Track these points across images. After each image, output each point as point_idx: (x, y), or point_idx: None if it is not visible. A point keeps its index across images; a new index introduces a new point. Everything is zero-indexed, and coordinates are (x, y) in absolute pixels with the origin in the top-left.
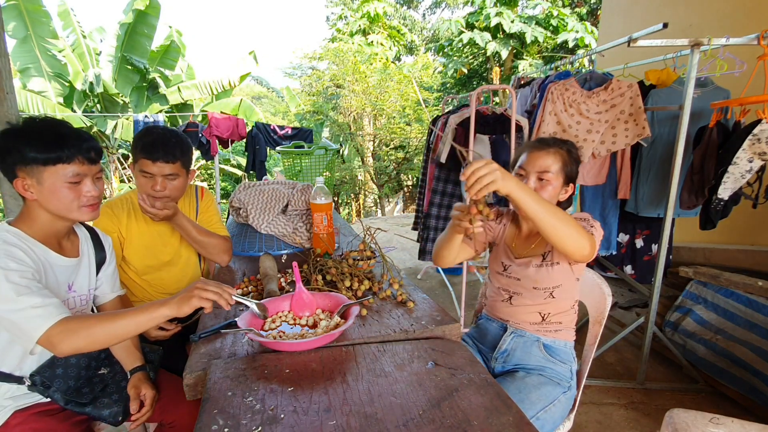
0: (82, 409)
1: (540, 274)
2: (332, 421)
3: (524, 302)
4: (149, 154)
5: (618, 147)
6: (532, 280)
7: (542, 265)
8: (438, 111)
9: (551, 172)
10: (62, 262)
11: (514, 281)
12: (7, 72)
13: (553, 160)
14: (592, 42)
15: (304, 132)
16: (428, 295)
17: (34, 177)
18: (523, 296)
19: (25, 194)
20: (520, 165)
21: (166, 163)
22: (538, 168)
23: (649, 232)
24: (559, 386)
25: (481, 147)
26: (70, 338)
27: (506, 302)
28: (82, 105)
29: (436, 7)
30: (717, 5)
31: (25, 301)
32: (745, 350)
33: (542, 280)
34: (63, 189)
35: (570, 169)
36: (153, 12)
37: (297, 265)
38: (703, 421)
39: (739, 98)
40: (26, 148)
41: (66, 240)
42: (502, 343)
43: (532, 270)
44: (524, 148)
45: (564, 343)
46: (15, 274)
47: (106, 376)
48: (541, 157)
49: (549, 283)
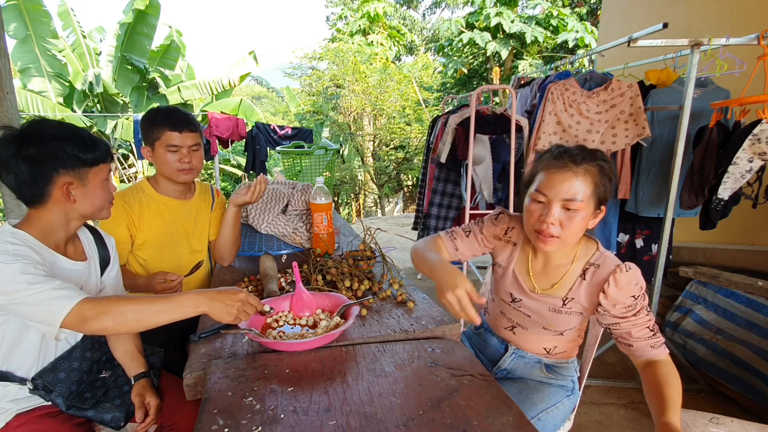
0: (84, 413)
1: (555, 318)
2: (332, 421)
3: (529, 336)
4: (175, 126)
5: (618, 147)
6: (545, 320)
7: (560, 312)
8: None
9: (580, 200)
10: (71, 265)
11: (523, 316)
12: (7, 72)
13: (582, 183)
14: (592, 42)
15: (304, 132)
16: (428, 295)
17: (80, 179)
18: (529, 331)
19: (66, 198)
20: (538, 188)
21: (191, 132)
22: (563, 195)
23: (649, 232)
24: (562, 389)
25: (481, 147)
26: (101, 317)
27: (509, 330)
28: (82, 105)
29: (436, 7)
30: (717, 5)
31: (42, 286)
32: (745, 350)
33: (556, 324)
34: (101, 188)
35: (603, 189)
36: (153, 12)
37: (297, 265)
38: (703, 421)
39: (739, 98)
40: (76, 149)
41: (70, 244)
42: (503, 362)
43: (547, 313)
44: (544, 163)
45: (566, 360)
46: (29, 266)
47: (108, 380)
48: (567, 180)
49: (562, 326)
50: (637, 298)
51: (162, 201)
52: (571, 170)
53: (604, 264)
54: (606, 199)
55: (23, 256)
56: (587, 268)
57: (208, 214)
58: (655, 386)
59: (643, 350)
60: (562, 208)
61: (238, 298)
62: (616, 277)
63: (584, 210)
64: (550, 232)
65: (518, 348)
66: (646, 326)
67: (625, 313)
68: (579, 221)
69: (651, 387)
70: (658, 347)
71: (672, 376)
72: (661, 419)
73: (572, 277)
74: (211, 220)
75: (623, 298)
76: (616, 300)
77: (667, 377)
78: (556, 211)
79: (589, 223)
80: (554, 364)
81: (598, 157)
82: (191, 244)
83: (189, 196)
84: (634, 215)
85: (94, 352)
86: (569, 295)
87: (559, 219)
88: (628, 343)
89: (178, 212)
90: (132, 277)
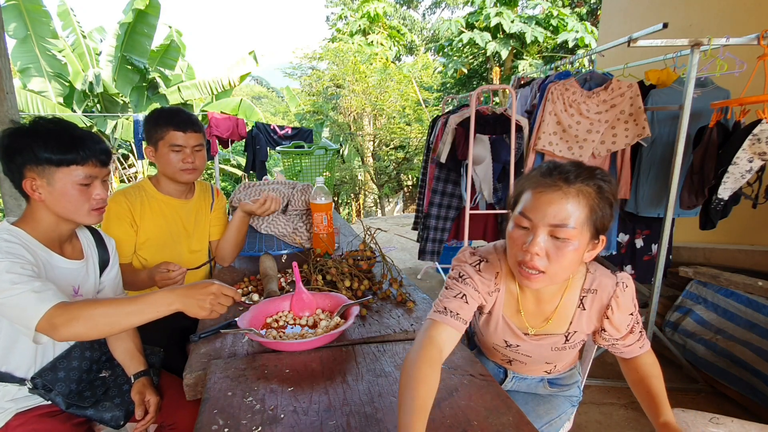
0: (84, 412)
1: (559, 355)
2: (332, 421)
3: (528, 367)
4: (179, 126)
5: (618, 147)
6: (547, 358)
7: (564, 348)
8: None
9: (572, 227)
10: (65, 264)
11: (522, 356)
12: (7, 72)
13: (575, 206)
14: (592, 42)
15: (304, 132)
16: (428, 295)
17: (44, 177)
18: (527, 365)
19: (32, 195)
20: (523, 211)
21: (195, 132)
22: (550, 219)
23: (649, 232)
24: (568, 400)
25: (481, 147)
26: (71, 323)
27: (506, 363)
28: (82, 105)
29: (436, 7)
30: (717, 5)
31: (22, 287)
32: (745, 350)
33: (559, 358)
34: (73, 191)
35: (601, 215)
36: (153, 12)
37: (297, 265)
38: (703, 421)
39: (739, 98)
40: (40, 148)
41: (68, 243)
42: (504, 386)
43: (550, 353)
44: (531, 181)
45: (569, 370)
46: (16, 265)
47: (108, 379)
48: (555, 202)
49: (565, 359)
50: (633, 314)
51: (164, 200)
52: (561, 190)
53: (601, 287)
54: (605, 228)
55: (13, 254)
56: (584, 296)
57: (208, 214)
58: (642, 380)
59: (632, 353)
60: (549, 236)
61: (209, 291)
62: (618, 301)
63: (576, 239)
64: (534, 264)
65: (518, 373)
66: (638, 331)
67: (625, 332)
68: (570, 253)
69: (637, 380)
70: (644, 345)
71: (655, 366)
72: (659, 420)
73: (570, 309)
74: (212, 220)
75: (624, 318)
76: (620, 323)
77: (652, 368)
78: (541, 240)
79: (584, 257)
80: (557, 378)
81: (596, 175)
82: (191, 243)
83: (190, 196)
84: (634, 215)
85: (93, 352)
86: (571, 329)
87: (545, 249)
88: (620, 351)
89: (179, 212)
90: (133, 272)
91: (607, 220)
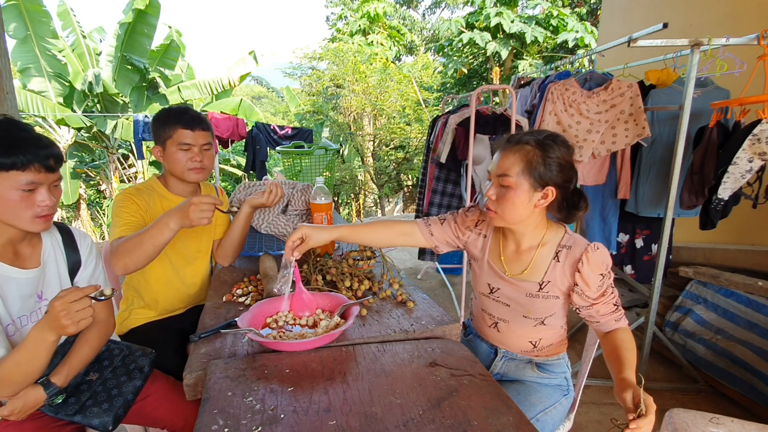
0: (72, 417)
1: (533, 304)
2: (332, 421)
3: (513, 330)
4: (188, 124)
5: (618, 147)
6: (523, 308)
7: (537, 296)
8: (438, 111)
9: (511, 176)
10: (18, 275)
11: (502, 306)
12: (7, 72)
13: (514, 160)
14: (592, 42)
15: (304, 132)
16: (428, 295)
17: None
18: (511, 324)
19: None
20: (489, 169)
21: (203, 131)
22: (496, 171)
23: (649, 232)
24: (558, 389)
25: (481, 147)
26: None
27: (493, 328)
28: (82, 105)
29: (436, 7)
30: (717, 5)
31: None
32: (745, 350)
33: (535, 310)
34: (14, 197)
35: (540, 170)
36: (153, 12)
37: (297, 265)
38: (702, 420)
39: (739, 98)
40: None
41: (26, 246)
42: (494, 367)
43: (525, 299)
44: (496, 146)
45: (557, 356)
46: None
47: (95, 382)
48: (501, 158)
49: (541, 313)
50: (604, 276)
51: (174, 200)
52: (507, 149)
53: (575, 245)
54: (549, 180)
55: None
56: (560, 250)
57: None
58: (614, 350)
59: (608, 325)
60: (498, 185)
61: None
62: (588, 255)
63: (517, 188)
64: (488, 205)
65: (507, 350)
66: (612, 302)
67: (597, 293)
68: (513, 197)
69: (610, 351)
70: (621, 319)
71: (629, 341)
72: (619, 376)
73: (545, 261)
74: (216, 219)
75: (594, 276)
76: (590, 279)
77: (624, 342)
78: (493, 189)
79: (535, 204)
80: (545, 362)
81: (541, 136)
82: (200, 243)
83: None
84: (634, 215)
85: None
86: (545, 279)
87: (496, 194)
88: (596, 320)
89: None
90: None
91: (551, 173)
